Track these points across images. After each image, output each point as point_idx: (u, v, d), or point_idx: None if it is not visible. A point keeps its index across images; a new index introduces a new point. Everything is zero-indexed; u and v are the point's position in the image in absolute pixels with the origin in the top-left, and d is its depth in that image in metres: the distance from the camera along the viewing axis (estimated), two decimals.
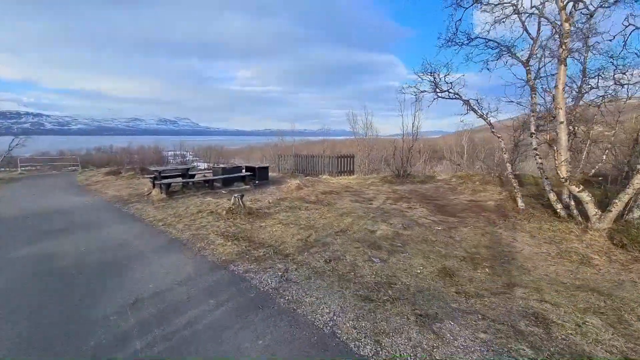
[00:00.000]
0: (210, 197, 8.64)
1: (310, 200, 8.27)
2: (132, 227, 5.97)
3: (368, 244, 4.81)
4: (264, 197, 8.70)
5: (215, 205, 7.52)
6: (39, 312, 2.96)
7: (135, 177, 13.36)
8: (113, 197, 9.23)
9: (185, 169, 10.04)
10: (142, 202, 8.31)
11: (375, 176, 12.78)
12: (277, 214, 6.72)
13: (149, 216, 6.73)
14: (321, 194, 9.09)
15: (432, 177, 11.85)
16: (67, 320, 2.82)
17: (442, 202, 8.02)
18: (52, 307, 3.06)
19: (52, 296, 3.29)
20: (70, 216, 7.00)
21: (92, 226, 6.07)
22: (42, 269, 4.03)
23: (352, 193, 9.29)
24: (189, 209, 7.26)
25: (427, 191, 9.57)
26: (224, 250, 4.52)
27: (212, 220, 6.23)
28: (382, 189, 10.06)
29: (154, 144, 31.24)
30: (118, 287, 3.44)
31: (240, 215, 6.44)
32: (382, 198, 8.50)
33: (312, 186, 10.37)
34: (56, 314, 2.94)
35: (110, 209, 7.75)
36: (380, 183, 11.10)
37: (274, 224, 5.99)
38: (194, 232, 5.44)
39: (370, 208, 7.38)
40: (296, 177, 13.01)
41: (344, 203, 7.90)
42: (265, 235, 5.34)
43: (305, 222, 6.11)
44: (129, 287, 3.44)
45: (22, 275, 3.84)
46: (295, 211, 7.00)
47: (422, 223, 6.02)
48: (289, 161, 14.23)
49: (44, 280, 3.70)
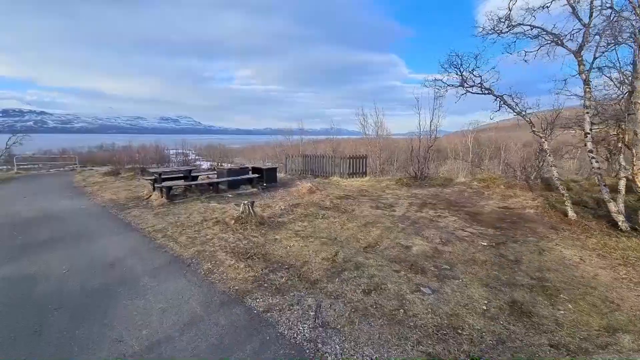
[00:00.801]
0: (215, 202, 7.80)
1: (326, 206, 7.43)
2: (127, 239, 5.12)
3: (408, 266, 3.97)
4: (274, 202, 7.85)
5: (222, 213, 6.68)
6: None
7: (134, 178, 12.52)
8: (109, 200, 8.39)
9: (187, 170, 9.20)
10: (141, 207, 7.47)
11: (389, 178, 11.93)
12: (292, 224, 5.87)
13: (147, 225, 5.89)
14: (336, 198, 8.24)
15: (450, 180, 10.99)
16: None
17: (473, 209, 7.16)
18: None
19: (13, 348, 2.45)
20: (60, 224, 6.15)
21: (83, 237, 5.23)
22: (14, 298, 3.20)
23: (369, 198, 8.43)
24: (192, 217, 6.42)
25: (450, 196, 8.71)
26: (236, 274, 3.67)
27: (219, 231, 5.38)
28: (401, 193, 9.20)
29: (155, 143, 30.36)
30: (99, 334, 2.59)
31: (251, 225, 5.59)
32: (405, 204, 7.64)
33: (325, 190, 9.52)
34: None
35: (105, 215, 6.90)
36: (396, 186, 10.24)
37: (290, 236, 5.14)
38: (198, 247, 4.59)
39: (394, 216, 6.53)
40: (305, 179, 12.17)
41: (364, 210, 7.05)
42: (283, 251, 4.49)
43: (326, 235, 5.26)
44: (115, 333, 2.60)
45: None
46: (312, 220, 6.15)
47: (461, 237, 5.17)
48: (297, 162, 13.39)
49: (12, 316, 2.86)
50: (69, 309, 3.01)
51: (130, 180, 12.24)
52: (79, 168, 18.93)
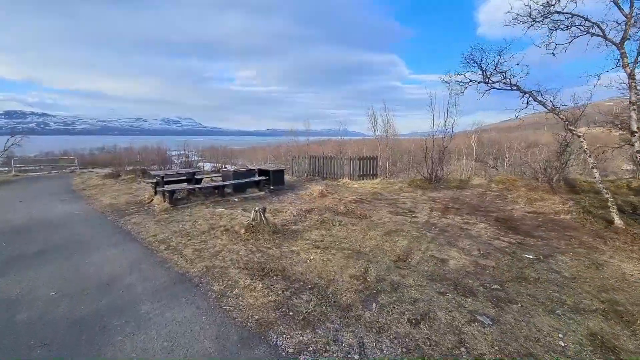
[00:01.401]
0: (221, 208, 7.22)
1: (340, 211, 6.85)
2: (126, 251, 4.54)
3: (451, 285, 3.39)
4: (284, 207, 7.28)
5: (230, 219, 6.10)
6: None
7: (135, 181, 11.94)
8: (108, 205, 7.81)
9: (191, 173, 8.63)
10: (142, 213, 6.89)
11: (400, 180, 11.36)
12: (308, 232, 5.29)
13: (148, 234, 5.31)
14: (350, 203, 7.66)
15: (466, 182, 10.42)
16: None
17: (500, 214, 6.58)
18: None
19: None
20: (53, 233, 5.58)
21: (77, 249, 4.65)
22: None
23: (385, 202, 7.85)
24: (198, 225, 5.84)
25: (470, 199, 8.13)
26: (254, 298, 3.09)
27: (229, 241, 4.80)
28: (417, 196, 8.62)
29: (157, 144, 29.73)
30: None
31: (264, 234, 5.01)
32: (426, 209, 7.06)
33: (337, 193, 8.94)
34: None
35: (103, 222, 6.32)
36: (410, 189, 9.67)
37: (308, 247, 4.56)
38: (207, 262, 4.01)
39: (418, 223, 5.95)
40: (313, 181, 11.59)
41: (383, 216, 6.48)
42: (303, 266, 3.91)
43: (348, 245, 4.69)
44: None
45: None
46: (329, 228, 5.57)
47: (500, 248, 4.59)
48: (304, 163, 12.81)
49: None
50: (54, 347, 2.43)
51: (130, 183, 11.66)
52: (79, 170, 18.37)
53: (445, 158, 34.64)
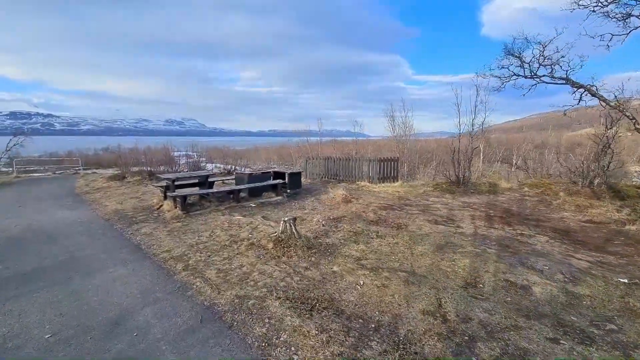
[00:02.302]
0: (238, 215, 6.45)
1: (371, 220, 6.09)
2: (136, 272, 3.77)
3: (556, 326, 2.61)
4: (308, 214, 6.51)
5: (251, 229, 5.34)
6: None
7: (142, 183, 11.20)
8: (114, 212, 7.05)
9: (204, 176, 7.86)
10: (151, 221, 6.14)
11: (423, 183, 10.58)
12: (346, 247, 4.52)
13: (161, 249, 4.54)
14: (379, 209, 6.89)
15: (495, 185, 9.63)
16: None
17: (554, 224, 5.80)
18: None
19: None
20: (52, 246, 4.82)
21: (78, 268, 3.89)
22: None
23: (417, 208, 7.07)
24: (216, 236, 5.08)
25: (509, 205, 7.35)
26: (312, 350, 2.31)
27: (257, 259, 4.03)
28: (449, 201, 7.84)
29: (161, 145, 28.88)
30: None
31: (296, 250, 4.24)
32: (466, 217, 6.28)
33: (361, 197, 8.17)
34: None
35: (109, 232, 5.56)
36: (437, 193, 8.89)
37: (352, 267, 3.79)
38: (237, 289, 3.23)
39: (465, 234, 5.17)
40: (329, 184, 10.82)
41: (421, 225, 5.70)
42: (354, 295, 3.14)
43: (398, 264, 3.92)
44: None
45: None
46: (367, 241, 4.81)
47: (582, 268, 3.81)
48: (319, 165, 12.05)
49: None
50: None
51: (137, 185, 10.91)
52: (82, 171, 17.65)
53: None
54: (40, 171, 19.01)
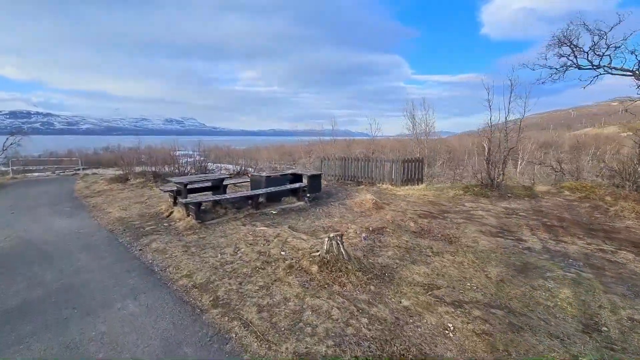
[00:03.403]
0: (261, 225, 5.58)
1: (414, 231, 5.25)
2: (152, 310, 2.89)
3: None
4: (340, 223, 5.65)
5: (281, 244, 4.48)
6: None
7: (146, 186, 10.28)
8: (118, 220, 6.15)
9: (218, 179, 6.94)
10: (162, 232, 5.25)
11: (449, 186, 9.74)
12: (404, 268, 3.67)
13: (180, 272, 3.66)
14: (418, 217, 6.05)
15: (529, 188, 8.81)
16: None
17: (627, 235, 4.98)
18: None
19: None
20: (45, 268, 3.93)
21: (75, 305, 3.01)
22: None
23: (460, 216, 6.23)
24: (243, 252, 4.21)
25: (559, 212, 6.52)
26: None
27: (302, 288, 3.16)
28: (489, 207, 7.00)
29: (162, 144, 27.82)
30: None
31: (348, 275, 3.38)
32: (523, 227, 5.44)
33: (391, 202, 7.32)
34: None
35: (114, 247, 4.67)
36: (470, 197, 8.05)
37: (427, 300, 2.94)
38: (293, 342, 2.35)
39: (534, 250, 4.34)
40: (348, 186, 9.96)
41: (475, 237, 4.87)
42: (451, 348, 2.29)
43: (481, 294, 3.07)
44: None
45: None
46: (424, 259, 3.96)
47: None
48: (335, 165, 11.19)
49: None
50: None
51: (141, 188, 10.00)
52: (82, 172, 16.67)
53: (458, 159, 32.00)
54: (40, 171, 18.06)
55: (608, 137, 34.12)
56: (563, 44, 6.05)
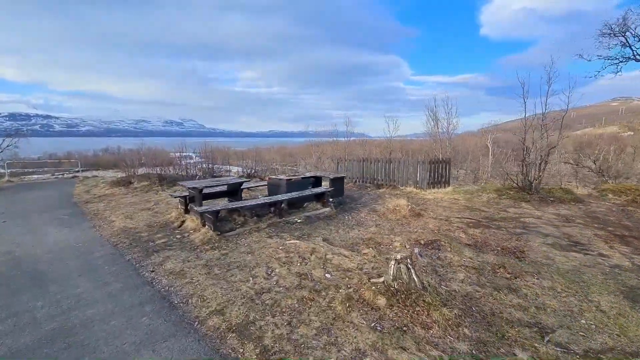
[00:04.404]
0: (289, 236, 4.77)
1: (468, 244, 4.48)
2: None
3: None
4: (379, 235, 4.85)
5: (322, 263, 3.68)
6: None
7: (151, 190, 9.44)
8: (123, 231, 5.32)
9: (235, 183, 6.10)
10: (175, 247, 4.43)
11: (479, 188, 8.97)
12: (491, 299, 2.88)
13: (206, 305, 2.84)
14: (466, 226, 5.26)
15: (568, 191, 8.04)
16: None
17: None
18: None
19: None
20: (34, 298, 3.11)
21: (75, 357, 2.20)
22: None
23: (511, 224, 5.44)
24: (278, 274, 3.40)
25: (617, 218, 5.75)
26: None
27: (374, 332, 2.36)
28: (536, 212, 6.22)
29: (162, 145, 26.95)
30: None
31: (429, 310, 2.58)
32: (592, 239, 4.66)
33: (427, 208, 6.53)
34: None
35: (119, 268, 3.84)
36: (508, 201, 7.26)
37: (551, 353, 2.15)
38: None
39: (627, 269, 3.56)
40: (368, 189, 9.17)
41: (546, 253, 4.09)
42: None
43: (608, 337, 2.28)
44: None
45: None
46: (508, 285, 3.17)
47: None
48: (353, 167, 10.39)
49: None
50: None
51: (146, 192, 9.15)
52: (82, 174, 15.77)
53: (462, 159, 31.10)
54: (39, 173, 17.17)
55: (609, 136, 33.54)
56: (617, 34, 5.28)
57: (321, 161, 21.05)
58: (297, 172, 21.16)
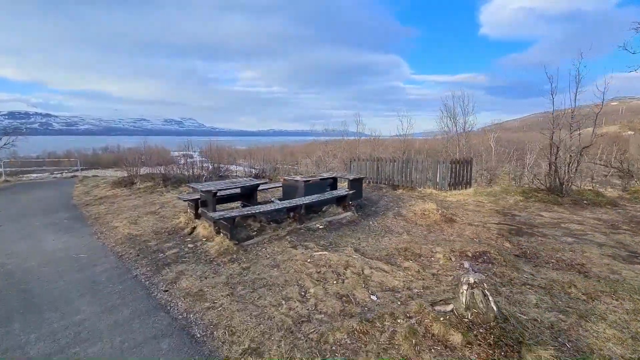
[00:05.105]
0: (315, 246, 4.23)
1: (514, 253, 3.95)
2: None
3: None
4: (413, 243, 4.31)
5: (363, 282, 3.15)
6: None
7: (156, 191, 8.86)
8: (128, 239, 4.76)
9: (249, 186, 5.53)
10: (190, 259, 3.88)
11: (502, 190, 8.45)
12: (579, 329, 2.35)
13: (236, 339, 2.30)
14: (507, 233, 4.74)
15: (600, 194, 7.54)
16: None
17: None
18: None
19: None
20: (26, 323, 2.56)
21: None
22: None
23: (554, 231, 4.92)
24: (315, 297, 2.86)
25: None
26: None
27: None
28: (572, 217, 5.71)
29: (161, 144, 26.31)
30: None
31: (521, 352, 2.05)
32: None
33: (457, 213, 6.00)
34: None
35: (126, 286, 3.28)
36: (539, 204, 6.75)
37: None
38: None
39: None
40: (382, 190, 8.64)
41: (610, 266, 3.57)
42: None
43: None
44: None
45: None
46: (589, 309, 2.64)
47: None
48: (367, 167, 9.85)
49: None
50: None
51: (150, 194, 8.58)
52: (81, 173, 15.15)
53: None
54: (37, 172, 16.56)
55: (611, 136, 33.16)
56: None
57: (323, 160, 20.47)
58: (298, 171, 20.59)
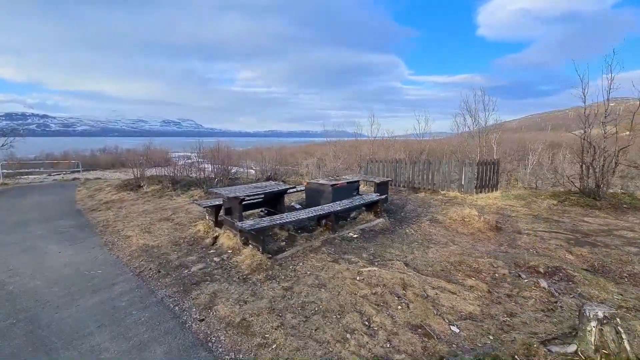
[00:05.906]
0: (358, 259, 3.72)
1: (586, 268, 3.48)
2: None
3: None
4: (465, 255, 3.82)
5: (432, 306, 2.66)
6: None
7: (165, 194, 8.30)
8: (144, 251, 4.22)
9: (276, 192, 4.99)
10: (219, 276, 3.36)
11: (530, 192, 8.00)
12: None
13: None
14: (567, 244, 4.27)
15: (634, 197, 7.11)
16: None
17: None
18: None
19: None
20: None
21: None
22: None
23: (606, 239, 4.46)
24: (383, 328, 2.36)
25: None
26: None
27: None
28: (614, 221, 5.26)
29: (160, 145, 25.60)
30: None
31: None
32: None
33: (500, 221, 5.51)
34: None
35: (152, 314, 2.76)
36: (577, 208, 6.30)
37: None
38: None
39: None
40: (403, 193, 8.15)
41: None
42: None
43: None
44: None
45: None
46: None
47: None
48: (385, 169, 9.36)
49: None
50: None
51: (159, 197, 8.03)
52: (83, 176, 14.52)
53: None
54: (36, 173, 15.91)
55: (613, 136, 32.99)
56: None
57: (323, 162, 19.90)
58: (299, 171, 20.01)
